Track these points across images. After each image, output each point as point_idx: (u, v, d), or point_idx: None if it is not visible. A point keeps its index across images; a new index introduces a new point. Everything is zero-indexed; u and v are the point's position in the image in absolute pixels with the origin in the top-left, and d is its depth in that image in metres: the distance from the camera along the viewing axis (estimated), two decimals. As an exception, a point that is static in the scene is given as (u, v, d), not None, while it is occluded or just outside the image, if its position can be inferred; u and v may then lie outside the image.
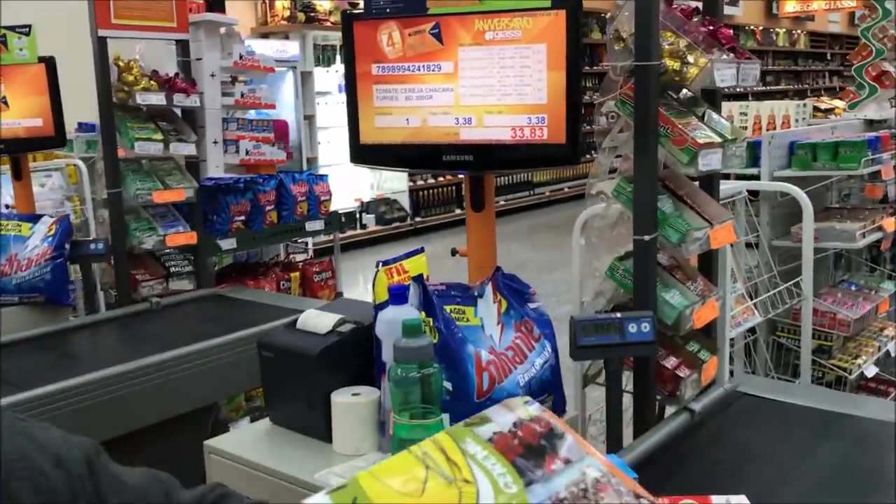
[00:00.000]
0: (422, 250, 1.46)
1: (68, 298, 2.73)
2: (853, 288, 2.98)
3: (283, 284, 3.57)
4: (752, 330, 2.60)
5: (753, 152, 2.70)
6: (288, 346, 1.39)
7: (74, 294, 2.77)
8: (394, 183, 8.33)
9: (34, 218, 2.73)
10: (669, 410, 1.68)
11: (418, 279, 1.37)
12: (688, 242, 1.55)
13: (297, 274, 3.64)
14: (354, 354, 1.37)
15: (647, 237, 1.52)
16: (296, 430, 1.43)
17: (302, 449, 1.38)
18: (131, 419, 2.10)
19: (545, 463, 0.47)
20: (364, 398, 1.34)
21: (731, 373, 2.69)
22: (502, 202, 8.99)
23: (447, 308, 1.40)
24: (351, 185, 7.55)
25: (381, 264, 1.37)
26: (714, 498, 1.18)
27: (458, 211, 8.76)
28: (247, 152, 3.24)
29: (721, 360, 1.83)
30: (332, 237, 3.73)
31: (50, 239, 2.64)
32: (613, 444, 1.49)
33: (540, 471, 0.46)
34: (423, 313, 1.34)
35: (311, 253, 4.63)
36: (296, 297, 3.49)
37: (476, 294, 1.47)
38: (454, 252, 1.74)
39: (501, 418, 0.52)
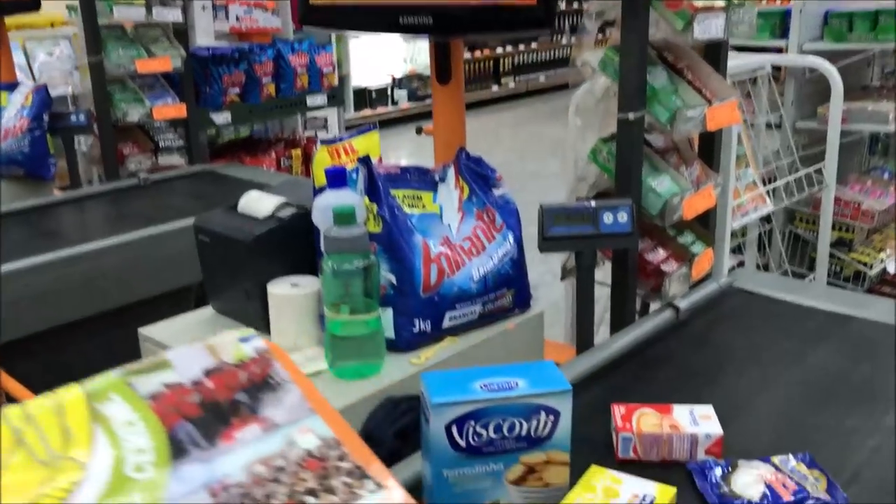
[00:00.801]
0: (374, 128, 1.30)
1: (49, 173, 2.63)
2: (886, 176, 2.74)
3: (284, 162, 3.44)
4: (768, 220, 2.42)
5: (783, 22, 2.43)
6: (223, 230, 1.27)
7: (56, 168, 2.67)
8: (427, 57, 7.91)
9: (10, 87, 2.59)
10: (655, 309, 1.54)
11: (364, 160, 1.22)
12: (679, 122, 1.37)
13: (299, 151, 3.50)
14: (295, 242, 1.25)
15: (631, 115, 1.34)
16: (237, 320, 1.33)
17: (240, 341, 1.27)
18: (114, 296, 2.04)
19: (228, 430, 0.33)
20: (303, 289, 1.22)
21: (742, 264, 2.53)
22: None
23: (401, 194, 1.26)
24: (383, 60, 7.22)
25: (320, 143, 1.22)
26: (676, 407, 1.07)
27: (494, 88, 8.36)
28: (237, 18, 3.03)
29: (718, 253, 1.67)
30: (364, 114, 3.57)
31: (27, 110, 2.52)
32: (583, 344, 1.37)
33: (210, 443, 0.33)
34: (367, 199, 1.20)
35: (339, 131, 4.45)
36: (295, 176, 3.36)
37: (437, 178, 1.32)
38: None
39: (189, 364, 0.38)
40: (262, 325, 1.27)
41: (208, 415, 0.32)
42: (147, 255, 2.17)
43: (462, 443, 0.84)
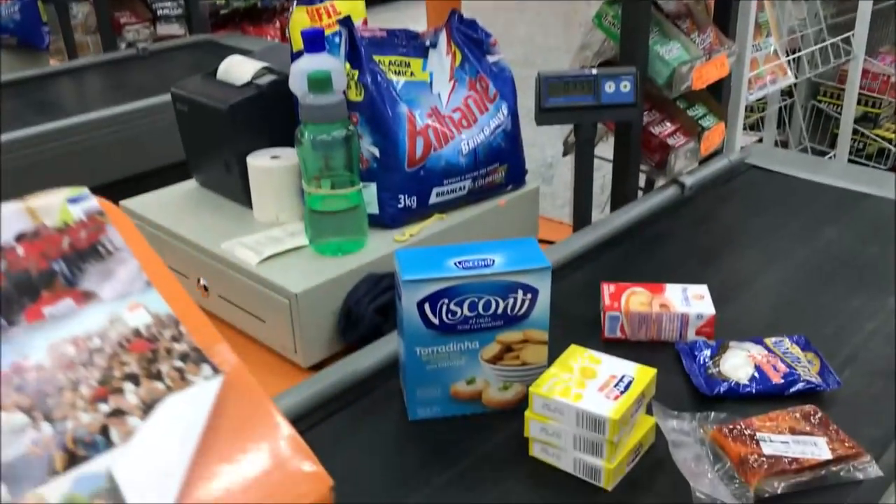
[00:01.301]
0: (358, -14, 1.21)
1: (43, 41, 2.54)
2: (920, 47, 2.59)
3: (288, 32, 3.31)
4: (790, 94, 2.30)
5: None
6: (200, 98, 1.20)
7: (51, 37, 2.57)
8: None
9: (-4, -50, 2.47)
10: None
11: (345, 22, 1.14)
12: (691, -18, 1.25)
13: (305, 20, 3.35)
14: (275, 111, 1.18)
15: (639, -26, 1.23)
16: (220, 194, 1.28)
17: (222, 215, 1.24)
18: (110, 169, 2.01)
19: (35, 305, 0.28)
20: (283, 162, 1.16)
21: (761, 142, 2.43)
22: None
23: (387, 60, 1.18)
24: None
25: (296, 3, 1.13)
26: (669, 286, 1.02)
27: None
28: None
29: (731, 127, 1.58)
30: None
31: (14, -25, 2.41)
32: (580, 221, 1.31)
33: (10, 320, 0.28)
34: (348, 65, 1.13)
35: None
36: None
37: (428, 44, 1.23)
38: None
39: (1, 227, 0.32)
40: (245, 199, 1.23)
41: (12, 287, 0.27)
42: (146, 128, 2.11)
43: (435, 321, 0.81)
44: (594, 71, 1.22)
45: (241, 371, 0.28)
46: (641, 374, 0.79)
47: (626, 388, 0.77)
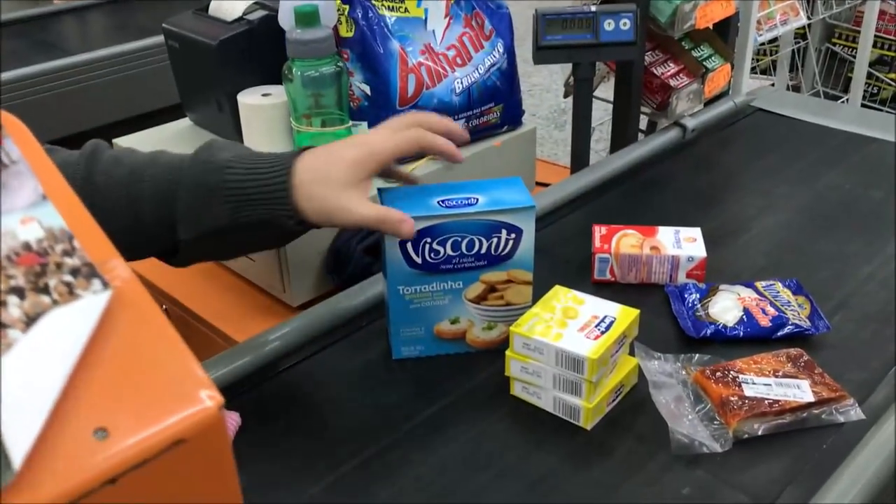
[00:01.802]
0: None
1: (45, -21, 2.50)
2: (941, -12, 2.50)
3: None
4: (804, 37, 2.24)
5: None
6: (190, 34, 1.18)
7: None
8: None
9: None
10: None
11: (336, -46, 1.11)
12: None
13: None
14: (266, 47, 1.16)
15: None
16: (213, 132, 1.27)
17: (214, 154, 1.22)
18: (110, 109, 2.00)
19: None
20: (273, 99, 1.15)
21: (772, 85, 2.38)
22: None
23: (380, -6, 1.15)
24: None
25: (286, -66, 1.10)
26: (661, 229, 1.01)
27: None
28: None
29: (738, 69, 1.55)
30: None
31: None
32: (577, 163, 1.29)
33: None
34: (338, 0, 1.10)
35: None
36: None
37: (423, -22, 1.20)
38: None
39: None
40: (237, 137, 1.22)
41: None
42: (147, 68, 2.10)
43: (418, 259, 0.80)
44: (593, 8, 1.19)
45: (135, 286, 0.27)
46: (624, 315, 0.78)
47: (608, 328, 0.76)
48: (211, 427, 0.25)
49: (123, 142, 1.26)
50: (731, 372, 0.79)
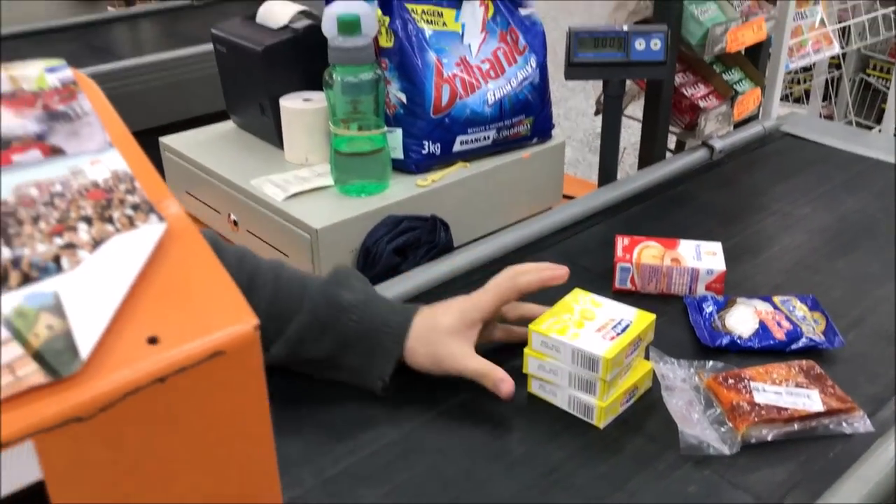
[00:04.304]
0: (395, -65, 1.22)
1: (99, -13, 2.60)
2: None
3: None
4: (837, 66, 2.26)
5: None
6: (237, 40, 1.24)
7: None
8: None
9: None
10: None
11: (378, -32, 1.16)
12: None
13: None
14: (309, 54, 1.21)
15: (677, -69, 1.23)
16: (255, 134, 1.33)
17: (254, 154, 1.28)
18: (159, 113, 2.07)
19: (5, 153, 0.31)
20: (314, 104, 1.20)
21: (818, 113, 2.39)
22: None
23: (420, 8, 1.19)
24: None
25: (333, -53, 1.15)
26: (683, 242, 1.04)
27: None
28: None
29: (768, 93, 1.57)
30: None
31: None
32: (605, 177, 1.32)
33: None
34: (379, 11, 1.15)
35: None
36: None
37: (462, -6, 1.24)
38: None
39: None
40: (277, 140, 1.27)
41: None
42: (195, 74, 2.16)
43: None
44: (625, 28, 1.22)
45: (186, 223, 0.32)
46: (640, 319, 0.81)
47: (623, 330, 0.79)
48: (247, 344, 0.29)
49: (170, 140, 1.32)
50: (743, 379, 0.81)
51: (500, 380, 0.78)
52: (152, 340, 0.29)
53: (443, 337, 0.79)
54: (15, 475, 0.26)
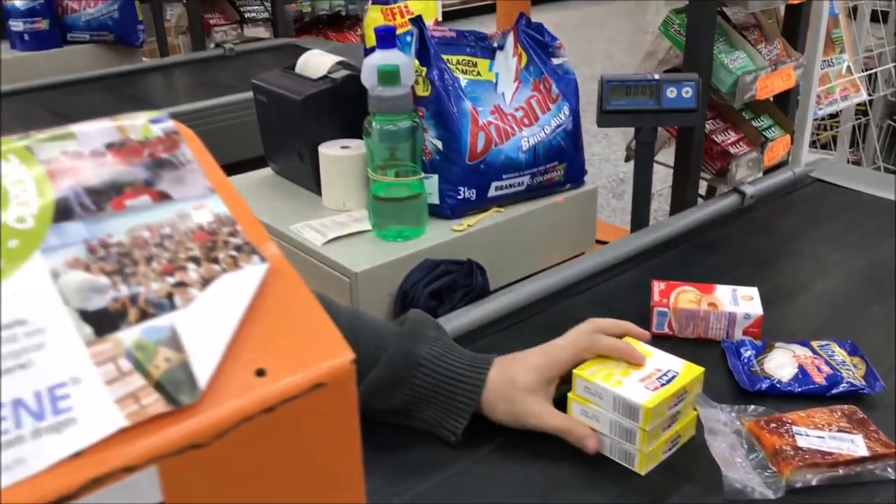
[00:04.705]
0: (432, -11, 1.27)
1: (138, 39, 2.69)
2: None
3: (363, 30, 3.40)
4: (864, 113, 2.27)
5: None
6: (277, 89, 1.28)
7: (145, 35, 2.72)
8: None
9: (99, -47, 2.63)
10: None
11: (416, 21, 1.19)
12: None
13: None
14: (347, 103, 1.24)
15: (706, -17, 1.26)
16: (293, 181, 1.36)
17: (292, 200, 1.31)
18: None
19: (119, 198, 0.33)
20: (352, 152, 1.23)
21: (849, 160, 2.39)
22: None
23: (455, 59, 1.23)
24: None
25: (372, 2, 1.19)
26: (719, 287, 1.04)
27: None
28: None
29: (798, 140, 1.58)
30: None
31: (116, -24, 2.56)
32: (637, 223, 1.34)
33: (98, 206, 0.33)
34: (417, 62, 1.18)
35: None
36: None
37: (496, 45, 1.28)
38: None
39: (94, 137, 0.37)
40: (315, 187, 1.30)
41: (102, 182, 0.33)
42: (229, 123, 2.21)
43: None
44: (656, 76, 1.25)
45: (284, 263, 0.34)
46: (687, 371, 0.81)
47: (668, 381, 0.79)
48: (345, 376, 0.31)
49: (209, 187, 1.35)
50: (785, 423, 0.81)
51: (584, 436, 0.79)
52: (260, 373, 0.31)
53: (522, 394, 0.80)
54: (139, 498, 0.27)
